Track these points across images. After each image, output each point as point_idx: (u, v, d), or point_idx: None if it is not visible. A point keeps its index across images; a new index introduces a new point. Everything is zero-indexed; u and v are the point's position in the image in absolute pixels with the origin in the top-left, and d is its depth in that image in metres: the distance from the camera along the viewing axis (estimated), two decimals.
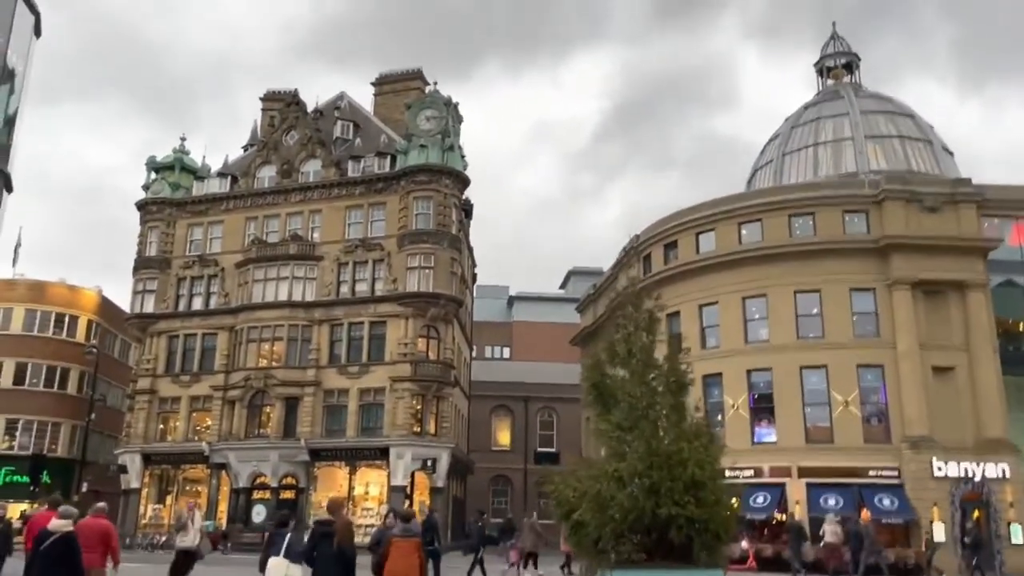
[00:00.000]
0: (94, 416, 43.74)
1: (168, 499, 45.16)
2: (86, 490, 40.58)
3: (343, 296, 44.05)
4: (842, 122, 42.25)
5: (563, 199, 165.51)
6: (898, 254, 33.15)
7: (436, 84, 47.86)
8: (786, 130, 44.86)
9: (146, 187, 49.88)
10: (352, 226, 45.45)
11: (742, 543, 29.39)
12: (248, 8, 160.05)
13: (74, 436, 50.01)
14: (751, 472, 31.79)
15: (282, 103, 51.00)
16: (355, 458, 41.64)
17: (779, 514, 31.77)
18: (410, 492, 39.74)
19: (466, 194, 47.59)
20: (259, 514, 41.06)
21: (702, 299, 36.42)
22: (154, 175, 50.02)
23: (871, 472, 31.55)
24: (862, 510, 29.66)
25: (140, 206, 49.51)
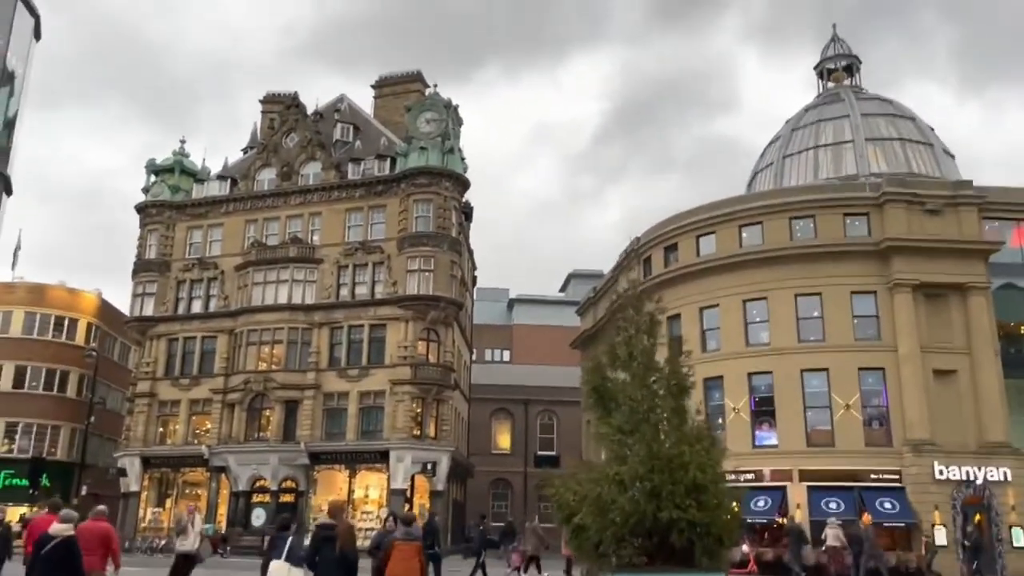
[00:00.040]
0: (93, 419, 43.66)
1: (168, 502, 45.10)
2: (85, 493, 40.52)
3: (343, 299, 44.02)
4: (843, 124, 42.20)
5: (563, 201, 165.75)
6: (899, 257, 33.06)
7: (436, 86, 47.88)
8: (786, 132, 44.80)
9: (146, 190, 49.86)
10: (352, 229, 45.43)
11: (743, 547, 29.29)
12: (248, 10, 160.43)
13: (73, 439, 49.93)
14: (752, 476, 31.72)
15: (282, 105, 51.04)
16: (355, 461, 41.57)
17: (780, 518, 31.65)
18: (410, 495, 39.71)
19: (466, 196, 47.56)
20: (259, 517, 41.04)
21: (702, 302, 36.33)
22: (154, 178, 50.01)
23: (872, 475, 31.44)
24: (863, 514, 29.58)
25: (140, 209, 49.49)
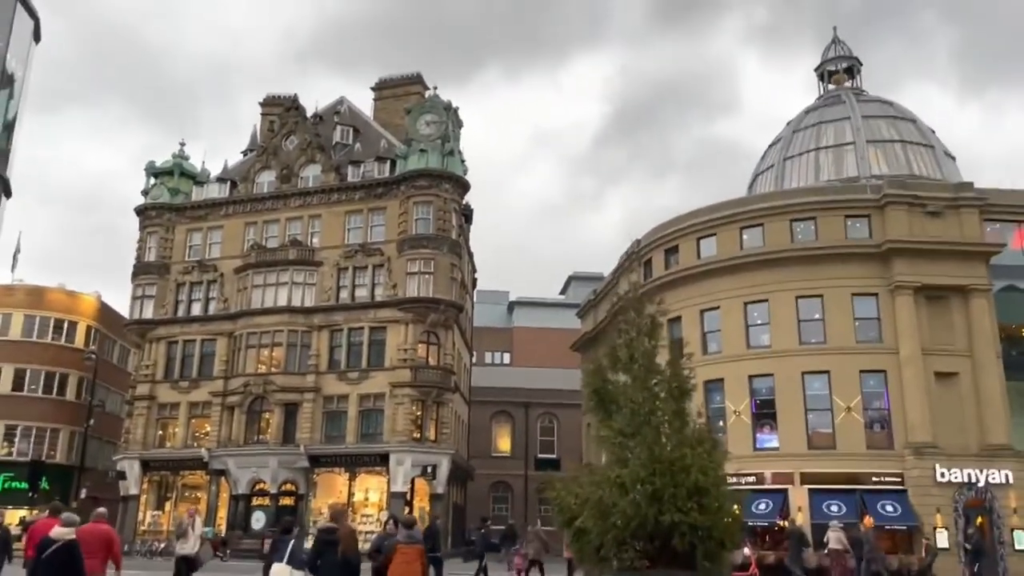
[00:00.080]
0: (93, 422, 43.58)
1: (167, 505, 45.00)
2: (85, 496, 40.43)
3: (343, 301, 43.94)
4: (843, 126, 42.14)
5: (563, 204, 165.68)
6: (900, 259, 32.98)
7: (436, 89, 47.85)
8: (787, 134, 44.76)
9: (145, 192, 49.81)
10: (352, 231, 45.37)
11: (744, 550, 29.13)
12: (248, 13, 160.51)
13: (73, 442, 49.85)
14: (753, 479, 31.64)
15: (282, 108, 51.01)
16: (355, 464, 41.49)
17: (781, 521, 31.55)
18: (410, 498, 39.60)
19: (466, 199, 47.51)
20: (258, 520, 40.96)
21: (703, 304, 36.24)
22: (153, 180, 49.95)
23: (874, 478, 31.33)
24: (865, 517, 29.49)
25: (139, 211, 49.44)
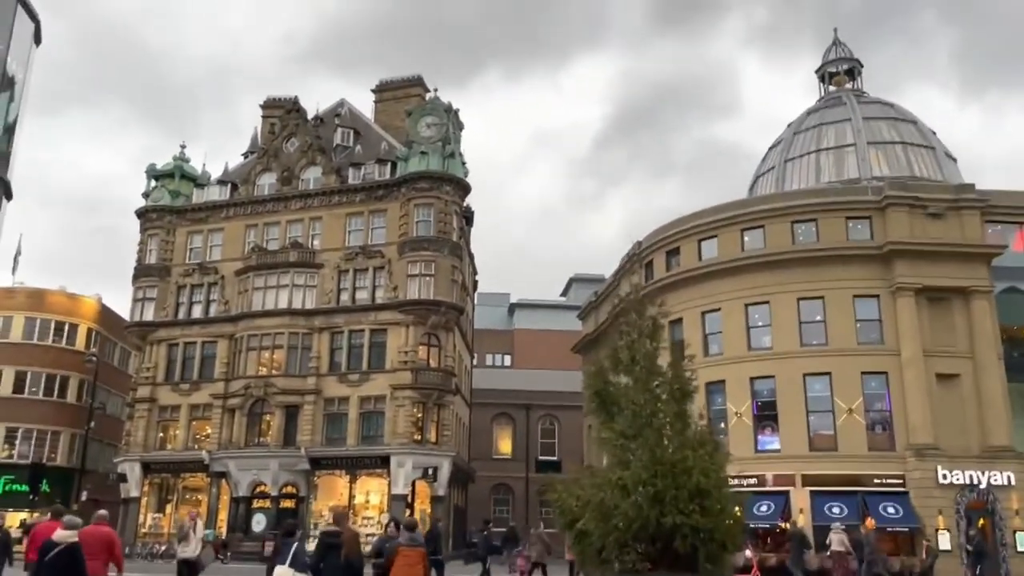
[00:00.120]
0: (93, 424, 43.51)
1: (168, 508, 44.93)
2: (85, 499, 40.35)
3: (343, 304, 43.91)
4: (844, 128, 42.15)
5: (564, 206, 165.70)
6: (902, 260, 32.97)
7: (436, 91, 47.91)
8: (788, 136, 44.77)
9: (146, 195, 49.79)
10: (352, 233, 45.34)
11: (746, 552, 29.11)
12: (248, 15, 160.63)
13: (73, 444, 49.80)
14: (754, 480, 31.60)
15: (282, 110, 50.99)
16: (356, 467, 41.44)
17: (783, 523, 31.52)
18: (411, 501, 39.54)
19: (467, 201, 47.49)
20: (259, 523, 40.89)
21: (704, 306, 36.22)
22: (154, 183, 49.92)
23: (875, 480, 31.31)
24: (867, 518, 29.46)
25: (140, 214, 49.42)
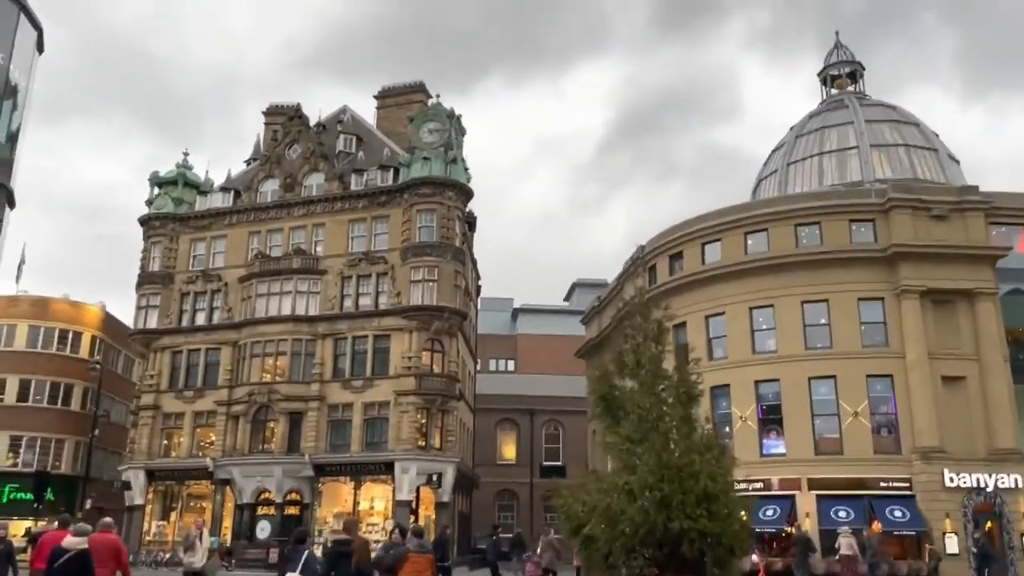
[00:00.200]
0: (98, 432, 43.59)
1: (172, 515, 44.89)
2: (90, 507, 40.37)
3: (347, 310, 43.86)
4: (847, 131, 42.10)
5: (566, 211, 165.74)
6: (906, 263, 32.88)
7: (439, 97, 47.89)
8: (791, 140, 44.72)
9: (149, 202, 49.82)
10: (355, 239, 45.32)
11: (753, 557, 29.04)
12: (251, 23, 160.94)
13: (78, 453, 49.78)
14: (760, 485, 31.47)
15: (285, 117, 51.03)
16: (360, 473, 41.32)
17: (789, 527, 31.41)
18: (415, 507, 39.47)
19: (469, 206, 47.49)
20: (263, 530, 40.79)
21: (708, 310, 36.15)
22: (157, 190, 49.95)
23: (882, 483, 31.18)
24: (873, 522, 29.34)
25: (143, 221, 49.43)
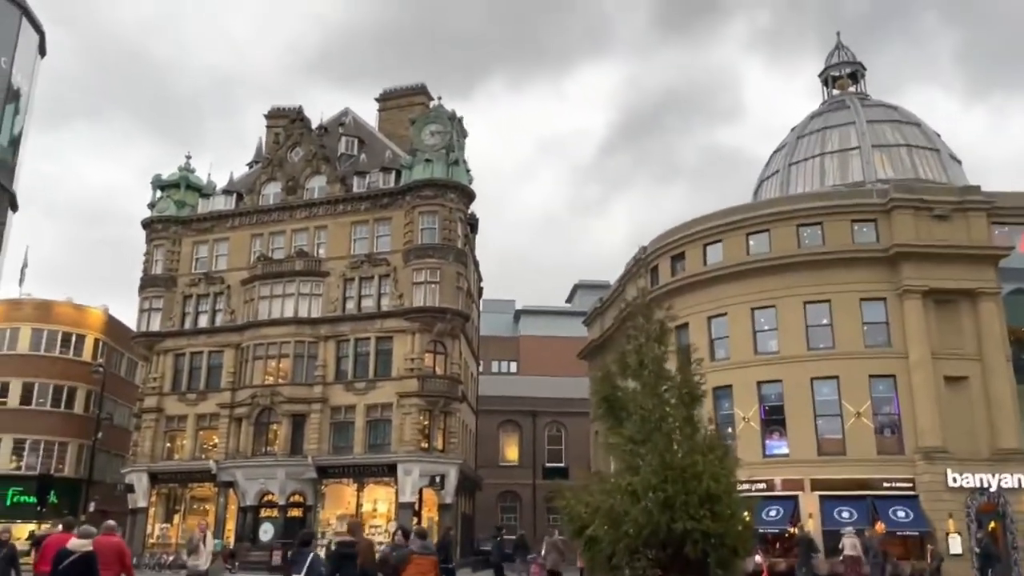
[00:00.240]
0: (101, 435, 43.59)
1: (175, 518, 44.94)
2: (93, 510, 40.43)
3: (349, 312, 43.88)
4: (848, 131, 42.11)
5: (568, 213, 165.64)
6: (908, 263, 32.87)
7: (440, 99, 47.89)
8: (792, 140, 44.73)
9: (151, 205, 49.88)
10: (358, 242, 45.35)
11: (756, 557, 29.02)
12: (252, 26, 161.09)
13: (81, 455, 49.81)
14: (763, 485, 31.41)
15: (287, 120, 51.10)
16: (363, 475, 41.34)
17: (792, 527, 31.42)
18: (418, 509, 39.48)
19: (471, 208, 47.50)
20: (266, 532, 40.82)
21: (710, 311, 36.16)
22: (159, 193, 50.02)
23: (885, 484, 31.17)
24: (876, 523, 29.32)
25: (145, 224, 49.50)
